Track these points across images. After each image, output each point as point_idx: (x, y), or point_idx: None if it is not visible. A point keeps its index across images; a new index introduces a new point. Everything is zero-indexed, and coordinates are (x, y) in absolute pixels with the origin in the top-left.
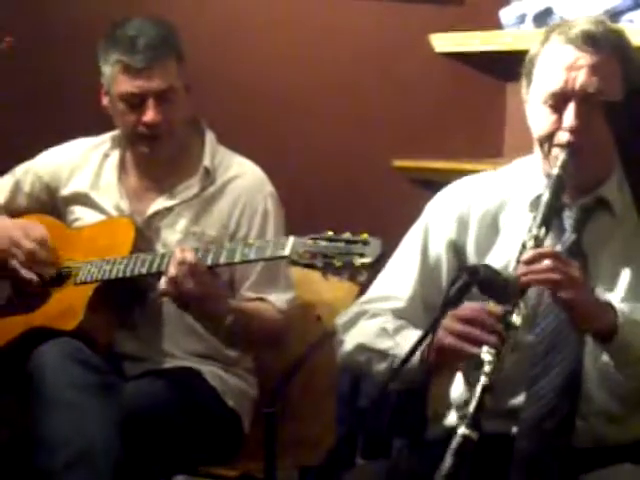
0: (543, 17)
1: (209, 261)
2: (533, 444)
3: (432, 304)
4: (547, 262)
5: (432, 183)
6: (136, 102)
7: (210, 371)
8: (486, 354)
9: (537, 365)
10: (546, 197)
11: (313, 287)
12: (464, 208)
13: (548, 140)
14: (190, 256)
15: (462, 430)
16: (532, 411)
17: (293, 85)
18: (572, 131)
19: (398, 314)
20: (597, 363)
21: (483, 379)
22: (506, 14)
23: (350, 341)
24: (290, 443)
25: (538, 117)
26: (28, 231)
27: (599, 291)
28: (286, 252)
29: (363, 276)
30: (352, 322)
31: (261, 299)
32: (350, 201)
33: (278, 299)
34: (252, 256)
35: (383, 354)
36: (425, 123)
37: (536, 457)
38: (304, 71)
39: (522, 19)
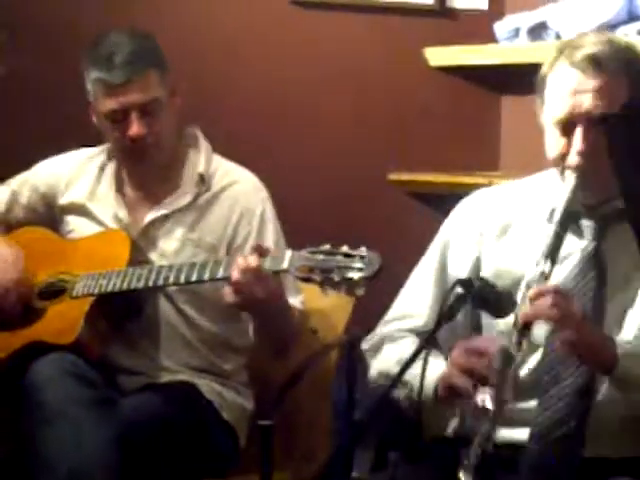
0: (537, 31)
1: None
2: (541, 450)
3: None
4: (549, 299)
5: (427, 196)
6: (119, 118)
7: (206, 385)
8: (488, 401)
9: (548, 373)
10: (553, 229)
11: (307, 298)
12: (480, 222)
13: (560, 162)
14: (253, 262)
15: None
16: (542, 418)
17: (288, 98)
18: (580, 154)
19: (417, 332)
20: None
21: (485, 426)
22: (500, 28)
23: (375, 367)
24: (286, 456)
25: (550, 139)
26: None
27: (615, 297)
28: (284, 266)
29: (361, 290)
30: (377, 347)
31: None
32: (346, 214)
33: (294, 301)
34: None
35: (402, 383)
36: (420, 136)
37: (544, 463)
38: (299, 84)
39: (516, 33)
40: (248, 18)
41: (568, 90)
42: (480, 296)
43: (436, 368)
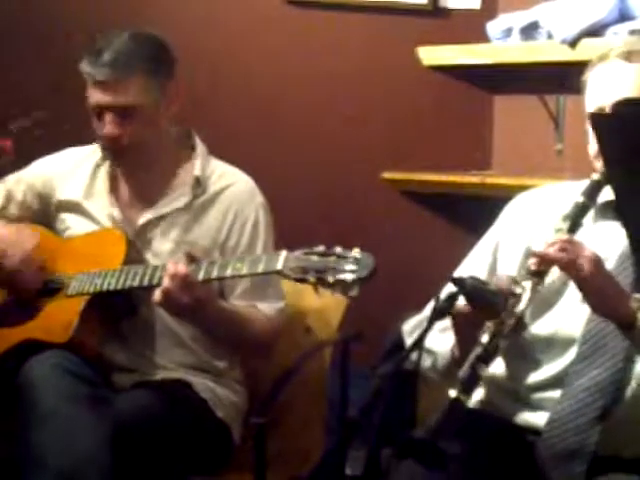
0: (530, 30)
1: (201, 276)
2: (556, 438)
3: None
4: (559, 244)
5: (421, 195)
6: (99, 113)
7: (200, 383)
8: (487, 328)
9: (578, 364)
10: (580, 199)
11: (302, 296)
12: (537, 215)
13: (596, 160)
14: (182, 269)
15: (453, 393)
16: (562, 406)
17: (282, 98)
18: None
19: None
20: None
21: (478, 349)
22: (493, 27)
23: (408, 342)
24: (280, 454)
25: (590, 138)
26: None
27: None
28: (278, 267)
29: (355, 291)
30: (416, 327)
31: (252, 306)
32: (340, 213)
33: (268, 307)
34: (245, 271)
35: (429, 352)
36: (413, 136)
37: (558, 451)
38: (293, 84)
39: (509, 32)
40: (243, 17)
41: (599, 82)
42: (473, 294)
43: (450, 338)
